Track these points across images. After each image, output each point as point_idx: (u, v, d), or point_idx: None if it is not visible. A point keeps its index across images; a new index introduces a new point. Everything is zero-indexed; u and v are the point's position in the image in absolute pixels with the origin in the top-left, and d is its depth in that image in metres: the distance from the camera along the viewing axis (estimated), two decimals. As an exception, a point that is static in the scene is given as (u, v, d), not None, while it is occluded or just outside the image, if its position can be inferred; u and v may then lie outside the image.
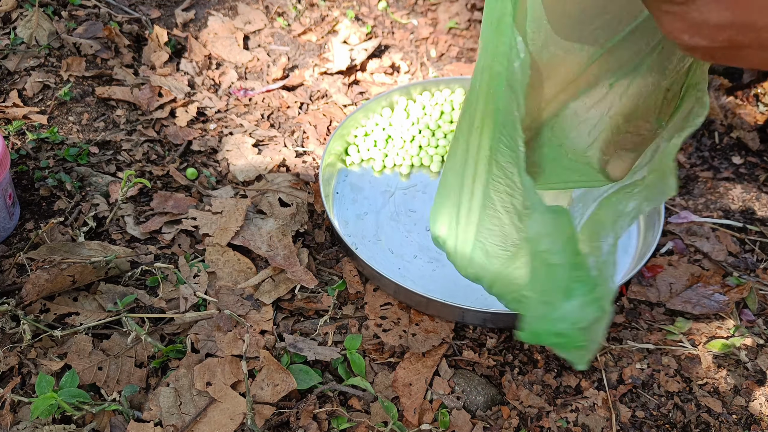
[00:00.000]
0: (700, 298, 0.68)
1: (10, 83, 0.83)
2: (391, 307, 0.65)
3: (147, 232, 0.70)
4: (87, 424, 0.53)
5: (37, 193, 0.72)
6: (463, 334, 0.64)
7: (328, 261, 0.70)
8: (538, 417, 0.58)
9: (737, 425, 0.59)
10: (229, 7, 1.02)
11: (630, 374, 0.62)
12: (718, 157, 0.86)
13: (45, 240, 0.65)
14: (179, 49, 0.94)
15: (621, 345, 0.64)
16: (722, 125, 0.89)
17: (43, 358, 0.57)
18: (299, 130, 0.86)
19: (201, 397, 0.55)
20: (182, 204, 0.72)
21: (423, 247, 0.70)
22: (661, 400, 0.60)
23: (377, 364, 0.61)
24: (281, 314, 0.64)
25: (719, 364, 0.63)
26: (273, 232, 0.69)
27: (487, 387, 0.60)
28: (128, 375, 0.57)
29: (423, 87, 0.86)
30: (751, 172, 0.84)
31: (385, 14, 1.07)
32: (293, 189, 0.75)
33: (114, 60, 0.89)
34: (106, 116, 0.83)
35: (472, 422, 0.57)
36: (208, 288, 0.64)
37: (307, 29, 1.01)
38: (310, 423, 0.55)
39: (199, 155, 0.80)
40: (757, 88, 0.88)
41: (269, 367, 0.57)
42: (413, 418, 0.57)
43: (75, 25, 0.91)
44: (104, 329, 0.61)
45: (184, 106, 0.85)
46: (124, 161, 0.78)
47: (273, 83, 0.91)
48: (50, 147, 0.77)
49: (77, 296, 0.62)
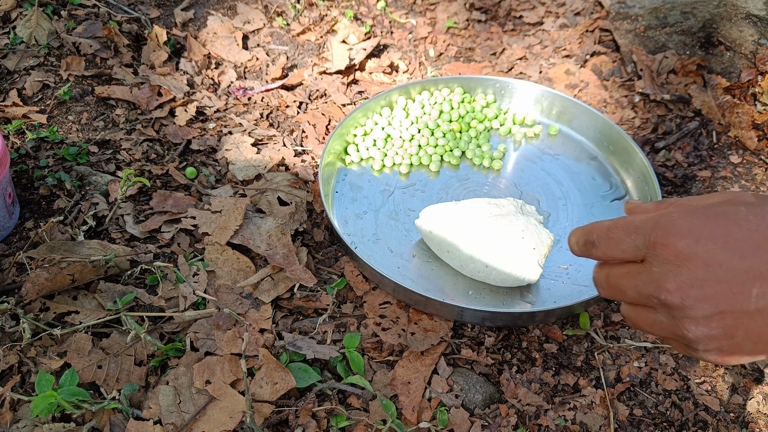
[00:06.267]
0: (698, 297, 0.68)
1: (9, 82, 0.83)
2: (390, 306, 0.65)
3: (146, 231, 0.70)
4: (86, 422, 0.53)
5: (37, 192, 0.72)
6: (462, 333, 0.64)
7: (327, 260, 0.71)
8: (537, 415, 0.59)
9: (734, 423, 0.59)
10: (228, 6, 1.02)
11: (628, 373, 0.62)
12: (716, 156, 0.86)
13: (45, 239, 0.66)
14: (178, 48, 0.94)
15: (619, 344, 0.65)
16: (720, 124, 0.89)
17: (43, 357, 0.57)
18: (298, 130, 0.86)
19: (200, 395, 0.55)
20: (181, 203, 0.72)
21: (422, 246, 0.70)
22: (658, 399, 0.61)
23: (376, 363, 0.61)
24: (280, 313, 0.64)
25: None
26: (272, 231, 0.69)
27: (486, 385, 0.60)
28: (128, 373, 0.57)
29: (422, 86, 0.86)
30: (749, 171, 0.84)
31: (384, 14, 1.07)
32: (292, 188, 0.75)
33: (113, 59, 0.89)
34: (105, 115, 0.83)
35: (471, 420, 0.57)
36: (207, 287, 0.65)
37: (306, 29, 1.01)
38: (309, 421, 0.55)
39: (198, 154, 0.80)
40: (754, 87, 0.88)
41: (268, 365, 0.57)
42: (412, 416, 0.57)
43: (74, 24, 0.91)
44: (104, 328, 0.61)
45: (183, 105, 0.85)
46: (124, 160, 0.78)
47: (272, 83, 0.92)
48: (50, 146, 0.77)
49: (77, 295, 0.62)
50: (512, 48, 1.03)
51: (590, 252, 0.46)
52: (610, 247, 0.45)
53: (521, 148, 0.84)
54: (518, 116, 0.86)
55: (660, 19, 0.95)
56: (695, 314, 0.40)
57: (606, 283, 0.46)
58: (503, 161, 0.82)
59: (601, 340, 0.65)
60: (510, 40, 1.05)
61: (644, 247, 0.42)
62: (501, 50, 1.03)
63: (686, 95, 0.91)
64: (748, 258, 0.39)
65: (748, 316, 0.39)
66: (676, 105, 0.91)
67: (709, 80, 0.91)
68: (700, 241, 0.40)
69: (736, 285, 0.39)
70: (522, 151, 0.84)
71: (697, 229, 0.41)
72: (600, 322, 0.66)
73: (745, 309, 0.39)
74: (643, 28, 0.96)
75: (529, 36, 1.06)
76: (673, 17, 0.94)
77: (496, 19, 1.09)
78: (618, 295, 0.45)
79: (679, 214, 0.42)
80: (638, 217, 0.44)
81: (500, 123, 0.86)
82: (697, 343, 0.41)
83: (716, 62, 0.93)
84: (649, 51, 0.95)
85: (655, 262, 0.42)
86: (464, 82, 0.87)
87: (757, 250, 0.39)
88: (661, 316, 0.43)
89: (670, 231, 0.41)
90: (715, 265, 0.40)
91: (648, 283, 0.42)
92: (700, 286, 0.40)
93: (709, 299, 0.40)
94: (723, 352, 0.41)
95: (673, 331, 0.42)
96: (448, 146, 0.81)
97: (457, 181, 0.79)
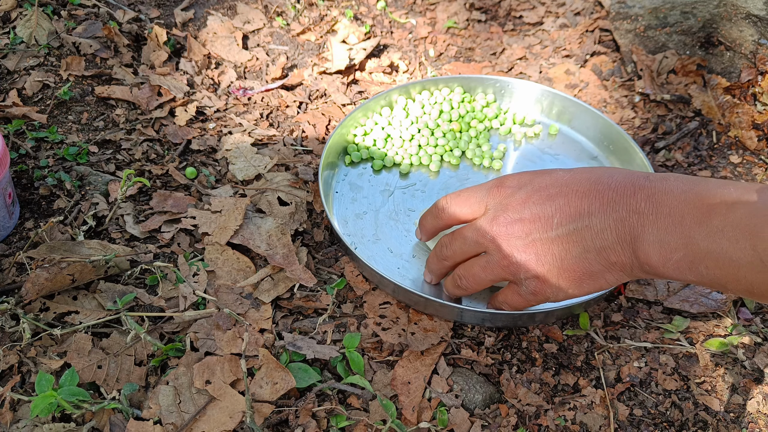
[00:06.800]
0: (698, 297, 0.68)
1: (9, 82, 0.83)
2: (390, 306, 0.65)
3: (146, 231, 0.70)
4: (86, 422, 0.53)
5: (37, 192, 0.72)
6: (462, 333, 0.64)
7: (327, 260, 0.71)
8: (537, 415, 0.59)
9: (734, 423, 0.59)
10: (228, 6, 1.02)
11: (628, 373, 0.62)
12: (716, 156, 0.86)
13: (44, 239, 0.66)
14: (178, 48, 0.94)
15: (619, 343, 0.65)
16: (720, 124, 0.89)
17: (43, 357, 0.57)
18: (298, 130, 0.86)
19: (200, 395, 0.55)
20: (181, 203, 0.72)
21: (422, 246, 0.70)
22: (658, 399, 0.61)
23: (376, 363, 0.61)
24: (280, 313, 0.64)
25: (717, 363, 0.63)
26: (272, 231, 0.69)
27: (486, 385, 0.60)
28: (128, 373, 0.57)
29: (422, 86, 0.86)
30: (749, 171, 0.84)
31: (384, 14, 1.07)
32: (292, 188, 0.75)
33: (113, 59, 0.89)
34: (105, 115, 0.83)
35: (471, 420, 0.57)
36: (207, 287, 0.65)
37: (306, 29, 1.01)
38: (309, 421, 0.55)
39: (198, 154, 0.80)
40: (755, 87, 0.88)
41: (268, 365, 0.57)
42: (412, 416, 0.57)
43: (74, 24, 0.91)
44: (104, 328, 0.61)
45: (183, 105, 0.85)
46: (124, 160, 0.78)
47: (272, 82, 0.92)
48: (50, 146, 0.77)
49: (77, 295, 0.63)
50: (512, 48, 1.03)
51: (447, 247, 0.60)
52: (459, 206, 0.59)
53: (521, 148, 0.84)
54: (518, 116, 0.86)
55: (660, 19, 0.95)
56: (516, 242, 0.53)
57: (462, 274, 0.59)
58: (503, 161, 0.82)
59: (601, 340, 0.65)
60: (510, 40, 1.05)
61: (486, 196, 0.56)
62: (501, 50, 1.03)
63: (686, 95, 0.91)
64: (553, 197, 0.52)
65: (550, 241, 0.52)
66: (676, 105, 0.91)
67: (709, 80, 0.91)
68: (522, 186, 0.55)
69: (543, 217, 0.52)
70: (522, 151, 0.84)
71: (523, 178, 0.56)
72: (600, 322, 0.66)
73: (548, 236, 0.52)
74: (643, 28, 0.96)
75: (529, 36, 1.06)
76: (673, 17, 0.94)
77: (496, 19, 1.09)
78: (469, 275, 0.58)
79: (512, 174, 0.57)
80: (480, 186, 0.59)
81: (500, 123, 0.86)
82: (518, 269, 0.54)
83: (716, 62, 0.93)
84: (649, 51, 0.95)
85: (491, 203, 0.56)
86: (464, 82, 0.87)
87: (559, 192, 0.52)
88: (490, 256, 0.55)
89: (503, 180, 0.57)
90: (530, 202, 0.53)
91: (482, 226, 0.55)
92: (519, 220, 0.53)
93: (525, 229, 0.52)
94: (539, 280, 0.53)
95: (501, 261, 0.54)
96: (448, 146, 0.81)
97: (457, 181, 0.79)
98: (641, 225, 0.47)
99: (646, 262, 0.48)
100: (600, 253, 0.50)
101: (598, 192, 0.50)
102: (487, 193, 0.57)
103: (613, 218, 0.49)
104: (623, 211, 0.48)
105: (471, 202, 0.58)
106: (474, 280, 0.58)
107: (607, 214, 0.49)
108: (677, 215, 0.46)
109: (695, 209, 0.45)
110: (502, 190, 0.56)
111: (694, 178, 0.48)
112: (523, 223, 0.53)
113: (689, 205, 0.45)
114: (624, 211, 0.48)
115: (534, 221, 0.52)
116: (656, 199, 0.47)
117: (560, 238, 0.51)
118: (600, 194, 0.50)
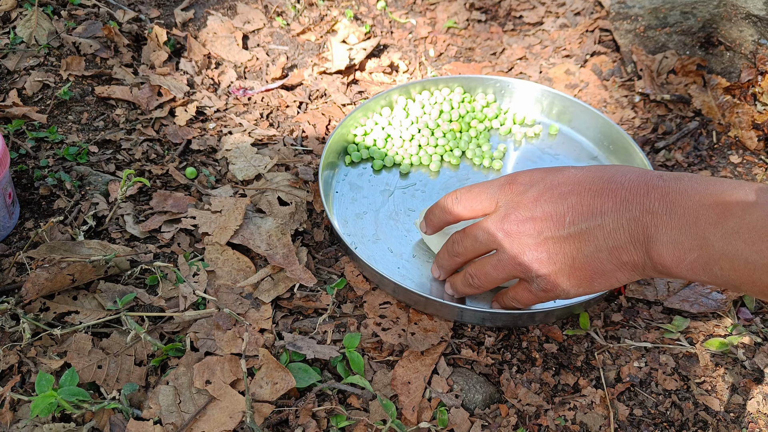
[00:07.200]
0: (698, 297, 0.68)
1: (9, 82, 0.83)
2: (390, 306, 0.65)
3: (146, 231, 0.70)
4: (86, 422, 0.53)
5: (37, 192, 0.72)
6: (462, 333, 0.64)
7: (327, 260, 0.71)
8: (537, 415, 0.59)
9: (734, 423, 0.59)
10: (228, 6, 1.02)
11: (628, 372, 0.62)
12: (716, 156, 0.86)
13: (45, 239, 0.66)
14: (178, 48, 0.94)
15: (619, 343, 0.65)
16: (720, 124, 0.89)
17: (43, 357, 0.57)
18: (298, 130, 0.86)
19: (200, 395, 0.55)
20: (181, 203, 0.72)
21: (422, 246, 0.70)
22: (658, 399, 0.61)
23: (376, 363, 0.61)
24: (280, 313, 0.64)
25: (717, 363, 0.63)
26: (272, 231, 0.69)
27: (486, 385, 0.60)
28: (128, 373, 0.57)
29: (422, 86, 0.86)
30: (749, 171, 0.84)
31: (384, 14, 1.07)
32: (292, 188, 0.75)
33: (113, 59, 0.89)
34: (105, 115, 0.83)
35: (471, 420, 0.57)
36: (207, 287, 0.65)
37: (306, 29, 1.01)
38: (309, 421, 0.55)
39: (198, 154, 0.80)
40: (754, 87, 0.88)
41: (268, 365, 0.57)
42: (412, 416, 0.57)
43: (74, 24, 0.91)
44: (104, 328, 0.61)
45: (183, 105, 0.85)
46: (124, 160, 0.78)
47: (272, 82, 0.92)
48: (50, 146, 0.77)
49: (77, 295, 0.63)
50: (512, 48, 1.03)
51: (458, 243, 0.59)
52: (470, 201, 0.58)
53: (521, 148, 0.84)
54: (518, 116, 0.86)
55: (660, 19, 0.95)
56: (528, 240, 0.52)
57: (474, 273, 0.58)
58: (503, 161, 0.82)
59: (601, 340, 0.65)
60: (510, 40, 1.05)
61: (497, 193, 0.56)
62: (501, 50, 1.03)
63: (686, 95, 0.91)
64: (565, 195, 0.51)
65: (562, 240, 0.51)
66: (676, 105, 0.91)
67: (709, 80, 0.91)
68: (534, 184, 0.54)
69: (555, 216, 0.51)
70: (522, 151, 0.84)
71: (535, 175, 0.55)
72: (600, 322, 0.66)
73: (560, 234, 0.51)
74: (643, 28, 0.96)
75: (529, 36, 1.06)
76: (673, 17, 0.94)
77: (496, 19, 1.09)
78: (480, 274, 0.58)
79: (524, 171, 0.57)
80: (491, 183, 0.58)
81: (500, 123, 0.86)
82: (530, 267, 0.53)
83: (716, 62, 0.93)
84: (649, 51, 0.95)
85: (502, 200, 0.55)
86: (464, 82, 0.87)
87: (571, 190, 0.51)
88: (501, 255, 0.55)
89: (515, 177, 0.56)
90: (542, 200, 0.52)
91: (493, 224, 0.55)
92: (531, 218, 0.52)
93: (537, 227, 0.52)
94: (550, 278, 0.53)
95: (513, 259, 0.54)
96: (448, 146, 0.81)
97: (457, 181, 0.79)
98: (655, 225, 0.47)
99: (659, 263, 0.47)
100: (612, 252, 0.49)
101: (611, 191, 0.49)
102: (498, 190, 0.56)
103: (626, 217, 0.48)
104: (636, 210, 0.48)
105: (482, 198, 0.57)
106: (486, 279, 0.57)
107: (620, 213, 0.48)
108: (692, 216, 0.45)
109: (710, 210, 0.44)
110: (514, 187, 0.55)
111: (708, 178, 0.47)
112: (534, 221, 0.52)
113: (704, 206, 0.45)
114: (637, 210, 0.48)
115: (546, 219, 0.52)
116: (670, 199, 0.46)
117: (572, 236, 0.51)
118: (613, 193, 0.49)
